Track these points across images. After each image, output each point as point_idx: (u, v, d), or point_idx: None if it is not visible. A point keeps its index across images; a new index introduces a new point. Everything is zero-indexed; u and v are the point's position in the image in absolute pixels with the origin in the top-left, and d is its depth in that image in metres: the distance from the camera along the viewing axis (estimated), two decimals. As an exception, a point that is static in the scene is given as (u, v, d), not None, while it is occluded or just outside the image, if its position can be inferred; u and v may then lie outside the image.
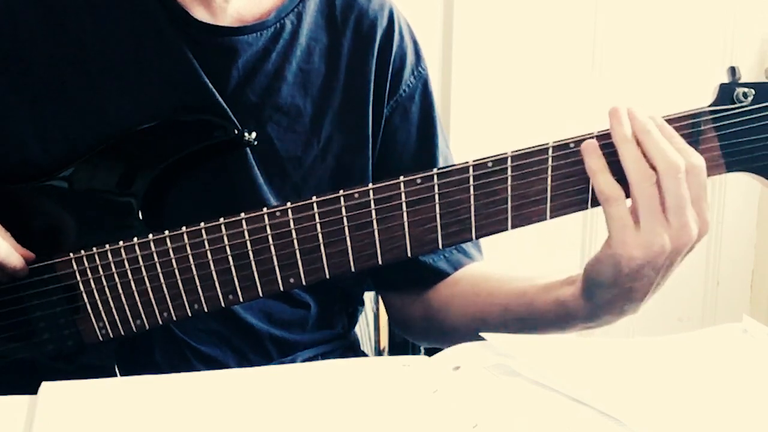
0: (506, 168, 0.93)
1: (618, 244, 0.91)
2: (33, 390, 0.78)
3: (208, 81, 1.03)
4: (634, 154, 0.90)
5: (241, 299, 0.97)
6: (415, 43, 1.16)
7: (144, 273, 0.97)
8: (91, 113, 1.03)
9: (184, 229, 0.96)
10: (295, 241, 0.95)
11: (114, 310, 0.99)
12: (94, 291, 0.99)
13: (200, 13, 1.04)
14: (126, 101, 1.03)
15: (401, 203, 0.94)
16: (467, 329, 1.10)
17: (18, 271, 0.98)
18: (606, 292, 0.95)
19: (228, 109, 1.03)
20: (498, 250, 1.22)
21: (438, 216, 0.94)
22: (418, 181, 0.94)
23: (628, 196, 0.91)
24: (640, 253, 0.90)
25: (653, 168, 0.89)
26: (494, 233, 0.94)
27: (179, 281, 0.97)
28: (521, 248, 2.06)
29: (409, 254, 0.95)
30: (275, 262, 0.96)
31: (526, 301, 1.04)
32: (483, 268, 1.15)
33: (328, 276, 0.96)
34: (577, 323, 1.00)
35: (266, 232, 0.95)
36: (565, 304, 0.99)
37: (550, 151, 0.93)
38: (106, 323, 0.99)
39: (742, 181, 0.96)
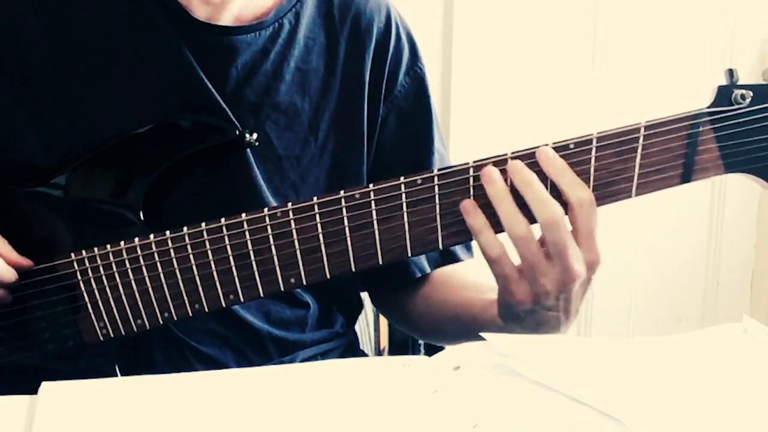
0: (506, 169, 0.93)
1: (504, 294, 0.95)
2: (33, 390, 0.78)
3: (207, 80, 1.03)
4: (507, 212, 0.91)
5: (242, 299, 0.98)
6: (413, 43, 1.16)
7: (145, 273, 0.97)
8: (91, 114, 1.03)
9: (185, 229, 0.96)
10: (296, 242, 0.95)
11: (115, 310, 0.99)
12: (95, 291, 0.99)
13: (200, 12, 1.04)
14: (125, 101, 1.03)
15: (402, 203, 0.94)
16: (431, 332, 1.18)
17: (12, 285, 0.98)
18: (517, 325, 0.98)
19: (228, 110, 1.03)
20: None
21: (438, 216, 0.94)
22: (419, 181, 0.94)
23: None
24: (527, 299, 0.93)
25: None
26: (499, 233, 0.94)
27: (180, 281, 0.97)
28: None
29: (409, 254, 0.95)
30: (276, 263, 0.96)
31: (472, 313, 1.08)
32: (448, 272, 1.17)
33: (329, 276, 0.96)
34: None
35: (267, 232, 0.95)
36: (498, 324, 1.01)
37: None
38: (107, 323, 0.99)
39: (742, 182, 0.96)
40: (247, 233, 0.96)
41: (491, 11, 2.23)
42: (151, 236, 0.97)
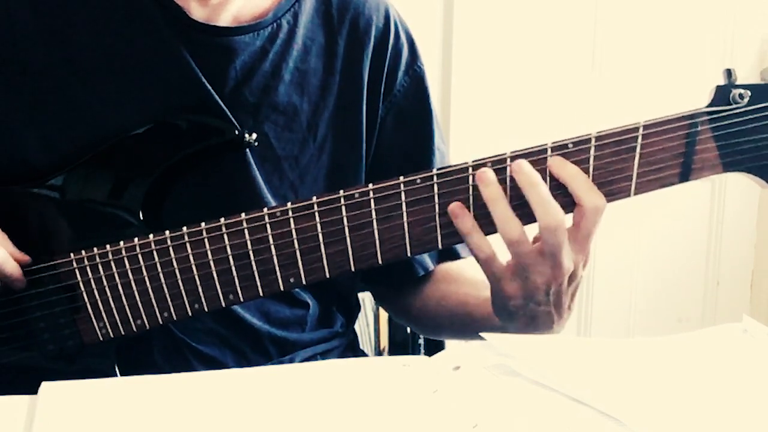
0: (505, 168, 0.93)
1: (496, 290, 0.96)
2: (33, 390, 0.78)
3: (205, 81, 1.03)
4: (501, 214, 0.92)
5: (241, 299, 0.98)
6: (411, 42, 1.16)
7: (144, 273, 0.97)
8: (90, 115, 1.03)
9: (184, 229, 0.96)
10: (296, 241, 0.95)
11: (114, 310, 0.99)
12: (95, 291, 0.99)
13: (198, 13, 1.04)
14: (124, 102, 1.03)
15: (401, 203, 0.94)
16: (430, 328, 1.20)
17: (14, 280, 0.98)
18: (510, 322, 0.98)
19: (227, 110, 1.03)
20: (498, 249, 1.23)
21: (437, 216, 0.94)
22: (418, 181, 0.94)
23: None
24: (518, 295, 0.95)
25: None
26: (494, 233, 0.94)
27: (180, 281, 0.97)
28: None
29: (408, 254, 0.95)
30: (275, 262, 0.96)
31: (468, 310, 1.09)
32: (448, 269, 1.17)
33: (328, 276, 0.96)
34: None
35: (266, 232, 0.95)
36: (493, 320, 1.02)
37: (549, 151, 0.93)
38: (107, 323, 0.99)
39: (742, 181, 0.96)
40: (246, 233, 0.96)
41: (491, 11, 2.23)
42: (151, 236, 0.97)
